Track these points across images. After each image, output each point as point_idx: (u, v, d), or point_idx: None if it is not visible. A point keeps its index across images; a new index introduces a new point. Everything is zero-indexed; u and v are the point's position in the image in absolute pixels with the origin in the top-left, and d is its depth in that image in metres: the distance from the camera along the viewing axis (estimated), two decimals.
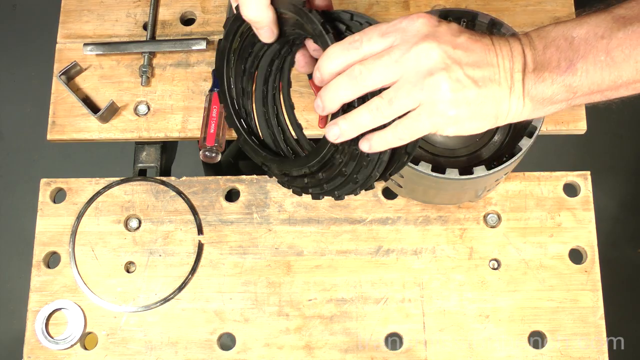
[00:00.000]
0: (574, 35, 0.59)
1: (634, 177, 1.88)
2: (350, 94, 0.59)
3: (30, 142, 1.98)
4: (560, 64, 0.59)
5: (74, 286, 0.91)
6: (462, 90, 0.58)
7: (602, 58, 0.59)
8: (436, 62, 0.57)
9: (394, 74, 0.57)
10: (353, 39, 0.58)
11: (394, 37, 0.58)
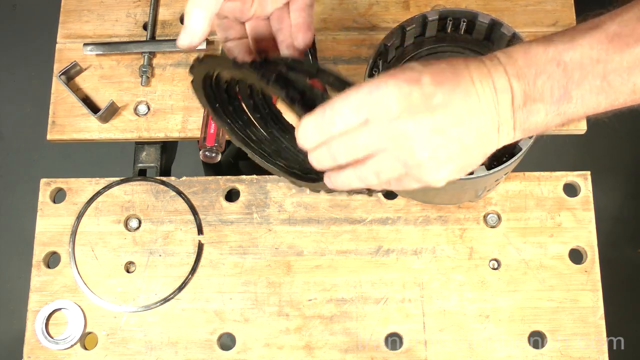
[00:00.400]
0: (567, 59, 0.55)
1: (634, 177, 1.88)
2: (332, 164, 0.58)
3: (30, 142, 1.98)
4: (553, 93, 0.56)
5: (74, 286, 0.91)
6: (448, 153, 0.55)
7: (598, 83, 0.56)
8: (416, 138, 0.54)
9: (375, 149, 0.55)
10: (324, 116, 0.55)
11: (367, 114, 0.54)
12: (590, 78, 0.55)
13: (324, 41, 1.00)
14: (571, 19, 0.99)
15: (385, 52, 0.84)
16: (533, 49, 0.56)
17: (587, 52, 0.55)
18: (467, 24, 0.84)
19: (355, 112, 0.54)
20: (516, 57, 0.56)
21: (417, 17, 0.83)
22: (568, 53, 0.55)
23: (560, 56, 0.55)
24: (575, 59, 0.55)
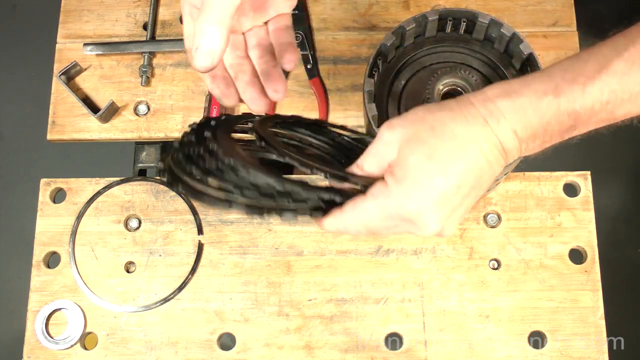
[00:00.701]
0: (578, 108, 0.56)
1: (634, 177, 1.88)
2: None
3: (30, 142, 1.98)
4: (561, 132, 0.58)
5: (74, 286, 0.91)
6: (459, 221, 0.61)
7: (604, 116, 0.58)
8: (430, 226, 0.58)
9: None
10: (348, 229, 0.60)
11: (392, 223, 0.59)
12: (599, 115, 0.57)
13: (324, 41, 1.00)
14: (571, 19, 0.99)
15: (385, 52, 0.84)
16: (544, 103, 0.56)
17: (597, 97, 0.56)
18: (467, 24, 0.84)
19: (383, 223, 0.59)
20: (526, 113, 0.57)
21: (417, 17, 0.83)
22: (579, 102, 0.56)
23: (572, 107, 0.56)
24: (586, 105, 0.56)
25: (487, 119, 0.57)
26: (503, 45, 0.85)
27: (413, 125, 0.58)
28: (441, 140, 0.56)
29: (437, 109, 0.59)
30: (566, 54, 0.97)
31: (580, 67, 0.56)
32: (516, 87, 0.57)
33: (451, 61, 0.89)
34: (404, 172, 0.57)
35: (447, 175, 0.56)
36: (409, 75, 0.89)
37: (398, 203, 0.57)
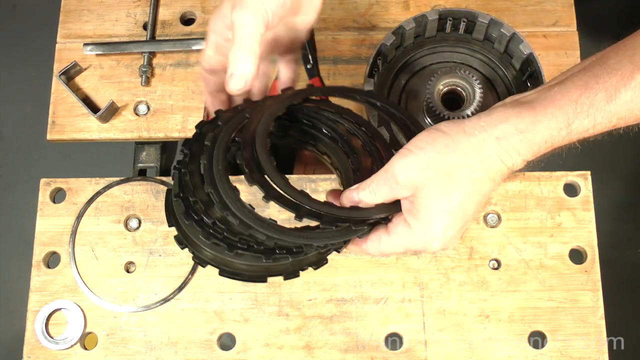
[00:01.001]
0: (588, 135, 0.61)
1: (634, 177, 1.88)
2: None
3: (30, 142, 1.98)
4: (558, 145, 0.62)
5: (74, 286, 0.91)
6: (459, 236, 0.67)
7: (607, 131, 0.62)
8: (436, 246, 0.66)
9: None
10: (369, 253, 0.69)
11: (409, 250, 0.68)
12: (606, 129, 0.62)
13: (324, 41, 1.00)
14: (571, 19, 0.99)
15: (385, 52, 0.84)
16: (558, 137, 0.60)
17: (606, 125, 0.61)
18: (467, 24, 0.84)
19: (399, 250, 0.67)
20: (540, 148, 0.61)
21: (417, 17, 0.83)
22: (590, 132, 0.61)
23: (583, 136, 0.61)
24: (595, 132, 0.61)
25: (502, 158, 0.61)
26: (503, 45, 0.85)
27: (429, 169, 0.62)
28: (459, 186, 0.62)
29: (450, 151, 0.61)
30: (566, 54, 0.97)
31: (590, 100, 0.59)
32: (528, 123, 0.60)
33: (451, 61, 0.89)
34: (427, 217, 0.63)
35: (465, 212, 0.63)
36: (409, 75, 0.89)
37: (420, 242, 0.65)
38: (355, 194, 0.66)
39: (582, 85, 0.59)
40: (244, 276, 0.67)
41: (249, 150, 0.63)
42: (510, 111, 0.60)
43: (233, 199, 0.62)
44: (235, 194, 0.62)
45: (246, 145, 0.63)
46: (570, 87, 0.60)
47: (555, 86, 0.61)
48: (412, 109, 0.87)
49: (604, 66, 0.59)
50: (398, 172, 0.62)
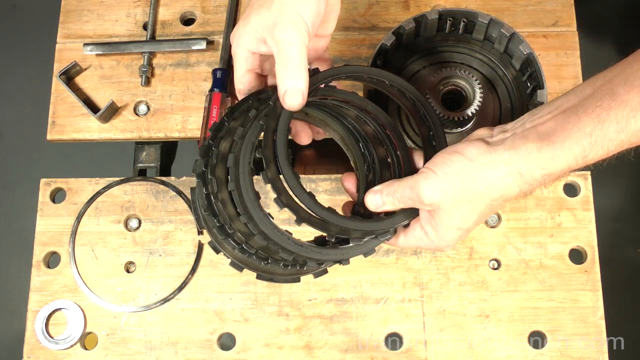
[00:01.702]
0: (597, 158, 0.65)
1: (634, 177, 1.88)
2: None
3: (30, 142, 1.97)
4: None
5: (74, 286, 0.91)
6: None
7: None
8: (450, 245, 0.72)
9: None
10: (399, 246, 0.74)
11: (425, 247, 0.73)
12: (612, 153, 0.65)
13: None
14: (571, 19, 0.99)
15: (385, 52, 0.84)
16: (569, 168, 0.64)
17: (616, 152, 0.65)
18: (466, 24, 0.84)
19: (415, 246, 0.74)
20: (556, 176, 0.65)
21: (417, 17, 0.83)
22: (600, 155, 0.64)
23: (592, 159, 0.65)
24: (602, 157, 0.65)
25: (522, 188, 0.65)
26: (503, 45, 0.85)
27: (452, 196, 0.65)
28: (478, 210, 0.67)
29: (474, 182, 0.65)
30: (566, 54, 0.97)
31: (604, 132, 0.62)
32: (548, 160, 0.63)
33: (451, 61, 0.89)
34: (444, 231, 0.69)
35: (477, 224, 0.69)
36: (409, 75, 0.89)
37: (433, 246, 0.71)
38: (378, 198, 0.70)
39: (595, 117, 0.62)
40: (279, 279, 0.71)
41: (273, 169, 0.64)
42: (532, 146, 0.63)
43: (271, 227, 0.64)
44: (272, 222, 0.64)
45: (269, 162, 0.64)
46: (585, 120, 0.62)
47: (570, 114, 0.63)
48: None
49: (614, 97, 0.61)
50: (423, 194, 0.66)
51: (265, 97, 0.69)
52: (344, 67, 0.71)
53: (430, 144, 0.72)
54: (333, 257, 0.67)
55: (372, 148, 0.72)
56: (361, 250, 0.68)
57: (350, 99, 0.72)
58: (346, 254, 0.68)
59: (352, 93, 0.72)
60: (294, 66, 0.65)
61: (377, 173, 0.72)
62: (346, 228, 0.66)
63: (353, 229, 0.66)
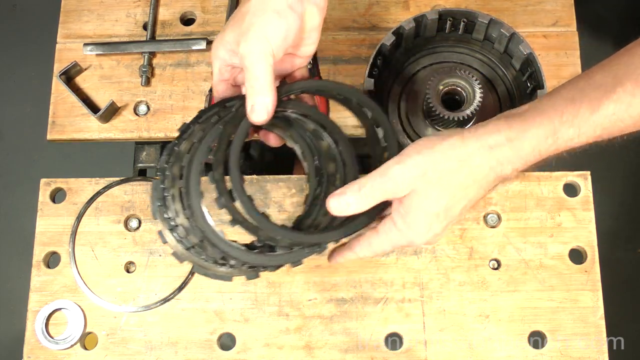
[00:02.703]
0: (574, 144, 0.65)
1: (634, 177, 1.88)
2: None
3: (30, 142, 1.98)
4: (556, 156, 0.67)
5: (74, 286, 0.91)
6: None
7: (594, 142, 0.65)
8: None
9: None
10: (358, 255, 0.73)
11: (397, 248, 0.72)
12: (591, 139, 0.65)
13: (324, 41, 1.00)
14: (571, 19, 0.99)
15: (385, 52, 0.84)
16: (545, 146, 0.64)
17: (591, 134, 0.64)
18: (466, 24, 0.84)
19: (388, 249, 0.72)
20: (528, 158, 0.65)
21: (417, 17, 0.83)
22: (575, 140, 0.64)
23: (569, 145, 0.65)
24: (581, 141, 0.65)
25: (493, 166, 0.65)
26: (503, 45, 0.85)
27: (424, 176, 0.65)
28: (447, 191, 0.66)
29: (445, 159, 0.65)
30: (566, 54, 0.97)
31: (575, 111, 0.63)
32: (518, 132, 0.64)
33: (451, 61, 0.89)
34: (414, 218, 0.67)
35: (449, 213, 0.68)
36: (409, 75, 0.89)
37: (405, 239, 0.69)
38: (343, 200, 0.67)
39: (569, 98, 0.63)
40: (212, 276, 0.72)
41: (221, 171, 0.67)
42: (503, 123, 0.65)
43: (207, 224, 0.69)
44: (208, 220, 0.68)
45: (218, 164, 0.67)
46: (557, 99, 0.64)
47: (545, 99, 0.66)
48: (412, 109, 0.87)
49: (590, 81, 0.64)
50: (397, 175, 0.65)
51: (232, 105, 0.72)
52: (311, 81, 0.74)
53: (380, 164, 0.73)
54: (258, 261, 0.69)
55: (324, 163, 0.73)
56: (287, 260, 0.69)
57: (309, 113, 0.74)
58: (271, 261, 0.69)
59: (312, 107, 0.74)
60: (260, 84, 0.67)
61: (324, 188, 0.73)
62: (274, 236, 0.68)
63: (281, 237, 0.68)
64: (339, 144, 0.74)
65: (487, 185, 0.67)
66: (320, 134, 0.74)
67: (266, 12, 0.66)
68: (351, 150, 0.73)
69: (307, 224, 0.72)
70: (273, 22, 0.66)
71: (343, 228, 0.70)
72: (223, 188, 0.67)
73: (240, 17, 0.68)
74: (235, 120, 0.69)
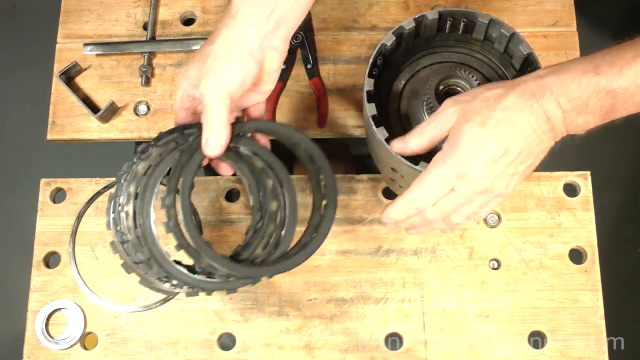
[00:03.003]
0: (616, 87, 0.65)
1: (634, 177, 1.88)
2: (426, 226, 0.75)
3: (30, 142, 1.98)
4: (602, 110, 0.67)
5: (74, 286, 0.91)
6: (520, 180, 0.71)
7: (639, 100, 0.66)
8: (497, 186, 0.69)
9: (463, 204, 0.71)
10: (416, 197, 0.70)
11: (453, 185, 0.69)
12: (635, 98, 0.66)
13: (324, 41, 1.00)
14: (571, 19, 0.99)
15: (385, 52, 0.84)
16: (585, 79, 0.66)
17: (633, 80, 0.65)
18: (466, 24, 0.84)
19: (443, 187, 0.69)
20: (569, 87, 0.66)
21: (417, 17, 0.83)
22: (616, 82, 0.65)
23: (610, 85, 0.65)
24: (622, 86, 0.65)
25: (535, 92, 0.67)
26: (503, 45, 0.84)
27: (472, 99, 0.69)
28: (493, 111, 0.67)
29: (494, 86, 0.69)
30: (566, 54, 0.97)
31: (619, 54, 0.66)
32: (562, 67, 0.67)
33: (451, 61, 0.89)
34: (457, 137, 0.68)
35: (494, 138, 0.67)
36: (409, 75, 0.89)
37: (453, 162, 0.68)
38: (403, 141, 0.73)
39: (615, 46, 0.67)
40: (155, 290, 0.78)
41: (172, 197, 0.73)
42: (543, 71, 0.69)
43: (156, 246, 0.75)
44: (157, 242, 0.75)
45: (170, 191, 0.73)
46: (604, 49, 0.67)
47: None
48: (412, 109, 0.87)
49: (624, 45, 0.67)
50: (447, 103, 0.70)
51: (189, 133, 0.77)
52: (264, 123, 0.79)
53: (318, 210, 0.79)
54: (198, 284, 0.75)
55: (268, 200, 0.77)
56: (223, 287, 0.75)
57: (259, 152, 0.78)
58: (209, 286, 0.75)
59: (263, 147, 0.79)
60: (216, 123, 0.72)
61: (265, 223, 0.77)
62: (213, 265, 0.73)
63: (219, 267, 0.73)
64: (283, 185, 0.78)
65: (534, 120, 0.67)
66: (268, 173, 0.78)
67: (227, 58, 0.71)
68: (294, 193, 0.78)
69: (246, 255, 0.75)
70: (232, 67, 0.71)
71: (279, 264, 0.75)
72: (172, 214, 0.72)
73: (203, 57, 0.72)
74: (190, 150, 0.75)
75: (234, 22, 0.71)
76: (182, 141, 0.76)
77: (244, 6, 0.71)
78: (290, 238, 0.77)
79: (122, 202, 0.75)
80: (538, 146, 0.69)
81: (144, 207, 0.74)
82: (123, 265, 0.76)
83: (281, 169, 0.78)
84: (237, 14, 0.71)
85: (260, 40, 0.71)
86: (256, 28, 0.71)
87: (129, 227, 0.75)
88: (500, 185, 0.69)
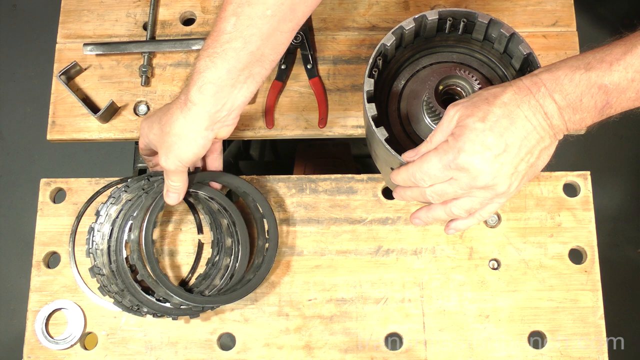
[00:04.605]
0: (607, 82, 0.67)
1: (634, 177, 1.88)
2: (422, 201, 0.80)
3: (30, 142, 1.98)
4: (597, 105, 0.69)
5: (74, 286, 0.91)
6: (525, 179, 0.73)
7: (633, 95, 0.68)
8: (500, 184, 0.71)
9: (461, 195, 0.74)
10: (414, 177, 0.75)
11: (453, 174, 0.72)
12: (628, 93, 0.68)
13: (324, 41, 1.00)
14: (571, 19, 0.99)
15: (385, 52, 0.84)
16: (577, 75, 0.68)
17: (623, 75, 0.67)
18: (466, 24, 0.84)
19: (440, 174, 0.72)
20: (562, 83, 0.68)
21: (417, 17, 0.83)
22: (607, 78, 0.67)
23: (602, 81, 0.67)
24: (614, 81, 0.67)
25: (530, 87, 0.69)
26: (503, 45, 0.84)
27: (472, 99, 0.72)
28: (492, 107, 0.70)
29: (492, 86, 0.73)
30: (566, 54, 0.97)
31: (609, 51, 0.68)
32: (556, 65, 0.70)
33: (451, 61, 0.89)
34: (460, 130, 0.71)
35: (494, 133, 0.69)
36: (409, 75, 0.89)
37: (455, 154, 0.71)
38: (414, 150, 0.76)
39: (607, 44, 0.69)
40: (124, 309, 0.88)
41: (137, 233, 0.86)
42: (541, 68, 0.72)
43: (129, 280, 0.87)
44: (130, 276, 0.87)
45: (136, 227, 0.86)
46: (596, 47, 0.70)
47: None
48: (412, 109, 0.87)
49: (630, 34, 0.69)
50: (449, 108, 0.73)
51: (155, 180, 0.89)
52: (219, 174, 0.90)
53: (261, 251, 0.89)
54: (157, 309, 0.87)
55: (224, 237, 0.89)
56: (177, 313, 0.87)
57: (215, 197, 0.89)
58: (163, 311, 0.87)
59: (218, 192, 0.90)
60: (174, 184, 0.84)
61: (221, 257, 0.89)
62: (168, 294, 0.85)
63: (174, 296, 0.85)
64: (236, 225, 0.89)
65: (533, 117, 0.69)
66: (223, 214, 0.90)
67: (183, 141, 0.80)
68: (245, 232, 0.88)
69: (206, 285, 0.87)
70: (187, 148, 0.80)
71: (224, 296, 0.86)
72: (136, 248, 0.85)
73: (164, 131, 0.81)
74: (155, 194, 0.87)
75: (190, 109, 0.79)
76: (148, 187, 0.89)
77: (201, 97, 0.78)
78: (243, 269, 0.88)
79: (97, 240, 0.88)
80: (538, 143, 0.70)
81: (117, 246, 0.87)
82: (99, 289, 0.88)
83: (234, 210, 0.89)
84: (193, 105, 0.78)
85: (213, 123, 0.80)
86: (210, 116, 0.79)
87: (104, 263, 0.87)
88: (502, 184, 0.71)
